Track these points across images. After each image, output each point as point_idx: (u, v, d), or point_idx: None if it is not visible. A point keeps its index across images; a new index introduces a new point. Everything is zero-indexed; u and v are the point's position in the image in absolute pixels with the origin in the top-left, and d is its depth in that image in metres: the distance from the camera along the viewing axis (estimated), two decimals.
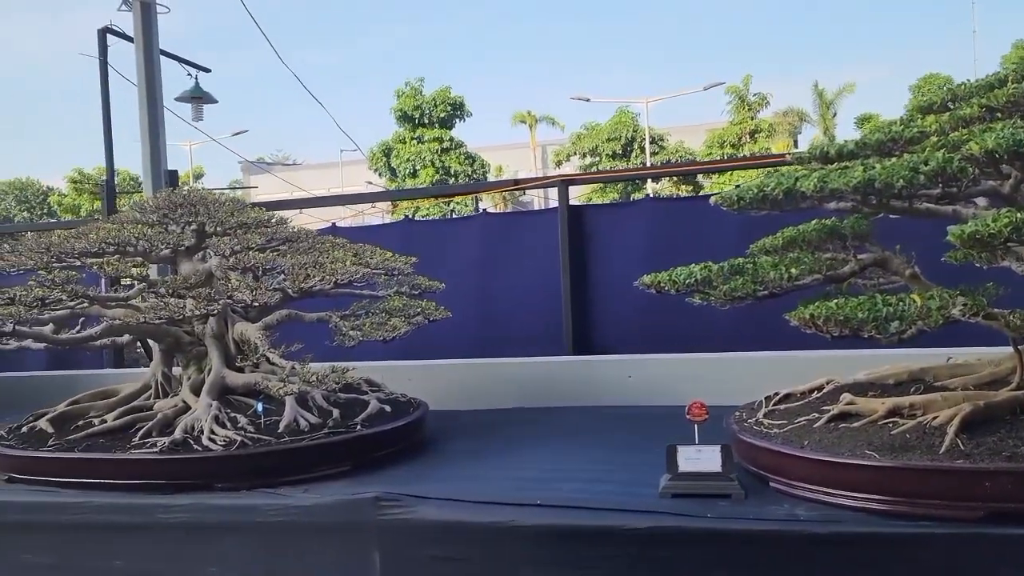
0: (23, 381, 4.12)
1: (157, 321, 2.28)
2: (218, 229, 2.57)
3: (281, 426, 2.34)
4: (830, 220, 2.06)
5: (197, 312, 2.25)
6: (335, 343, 2.39)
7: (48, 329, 2.57)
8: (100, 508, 2.26)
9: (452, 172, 35.05)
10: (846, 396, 2.10)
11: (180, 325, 2.70)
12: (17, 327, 2.30)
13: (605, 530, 1.87)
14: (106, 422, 2.55)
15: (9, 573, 2.34)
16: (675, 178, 29.44)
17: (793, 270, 1.88)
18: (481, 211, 4.21)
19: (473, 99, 35.74)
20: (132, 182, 41.52)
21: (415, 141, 35.51)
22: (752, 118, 34.20)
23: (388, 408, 2.59)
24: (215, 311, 2.27)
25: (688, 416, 2.02)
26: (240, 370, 2.65)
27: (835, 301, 1.71)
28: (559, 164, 35.80)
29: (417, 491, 2.09)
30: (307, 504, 2.10)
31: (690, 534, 1.81)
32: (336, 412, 2.47)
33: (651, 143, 33.02)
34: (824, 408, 2.10)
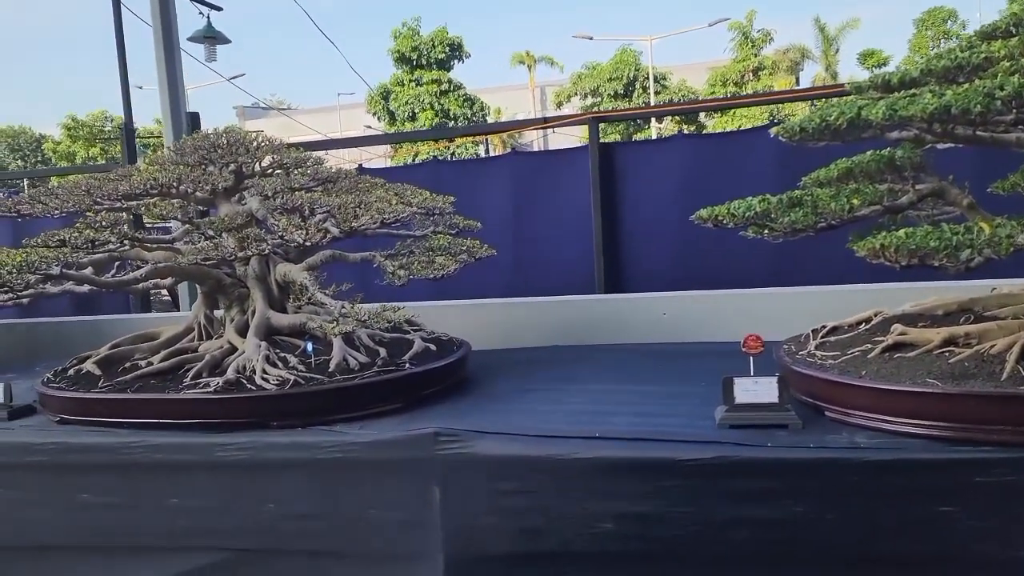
0: (46, 327, 4.13)
1: (208, 263, 2.27)
2: (257, 169, 2.54)
3: (331, 365, 2.36)
4: (886, 151, 2.04)
5: (251, 253, 2.24)
6: (385, 282, 2.39)
7: (89, 272, 2.56)
8: (155, 447, 2.29)
9: (451, 115, 34.63)
10: (897, 327, 2.11)
11: (221, 267, 2.70)
12: (64, 270, 2.29)
13: (666, 462, 1.89)
14: (152, 364, 2.57)
15: (67, 512, 2.38)
16: (679, 118, 29.12)
17: (855, 201, 1.87)
18: (511, 150, 4.15)
19: (470, 40, 35.12)
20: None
21: (413, 83, 35.00)
22: (755, 55, 33.69)
23: (432, 347, 2.61)
24: (266, 251, 2.26)
25: (744, 349, 2.03)
26: (283, 311, 2.66)
27: (904, 231, 1.70)
28: (559, 105, 35.38)
29: (472, 426, 2.11)
30: (366, 440, 2.13)
31: (752, 464, 1.84)
32: (383, 351, 2.48)
33: (654, 82, 32.57)
34: (876, 339, 2.11)
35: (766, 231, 2.05)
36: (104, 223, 2.26)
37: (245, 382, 2.31)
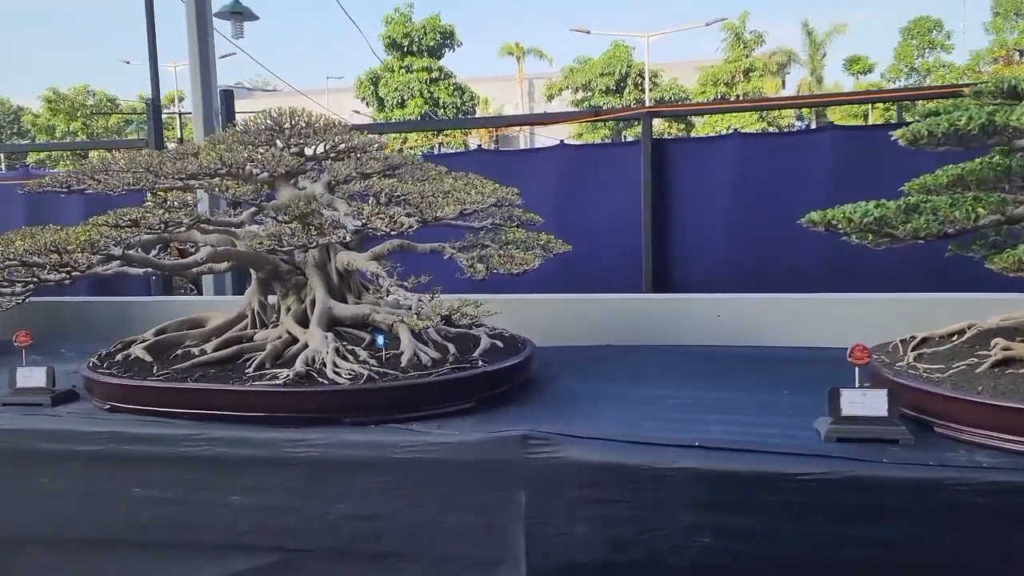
0: (69, 307, 3.98)
1: (285, 248, 2.16)
2: (319, 152, 2.43)
3: (403, 360, 2.26)
4: (999, 159, 1.97)
5: (333, 239, 2.14)
6: (466, 275, 2.30)
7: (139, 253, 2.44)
8: (218, 441, 2.18)
9: (441, 103, 34.44)
10: (999, 341, 2.05)
11: (277, 253, 2.59)
12: (126, 251, 2.17)
13: (773, 475, 1.82)
14: (205, 352, 2.45)
15: (118, 506, 2.27)
16: (669, 118, 29.14)
17: (980, 209, 1.80)
18: (559, 142, 4.06)
19: (460, 28, 34.83)
20: (109, 104, 40.44)
21: (404, 70, 34.76)
22: (747, 56, 33.79)
23: (499, 344, 2.52)
24: (346, 239, 2.15)
25: (850, 359, 1.96)
26: (343, 300, 2.55)
27: None
28: (550, 98, 35.30)
29: (556, 430, 2.03)
30: (450, 441, 2.04)
31: (866, 480, 1.77)
32: (451, 347, 2.39)
33: (645, 80, 32.57)
34: (979, 353, 2.05)
35: (870, 237, 1.98)
36: (176, 203, 2.13)
37: (315, 375, 2.20)
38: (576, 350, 3.02)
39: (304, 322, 2.51)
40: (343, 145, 2.48)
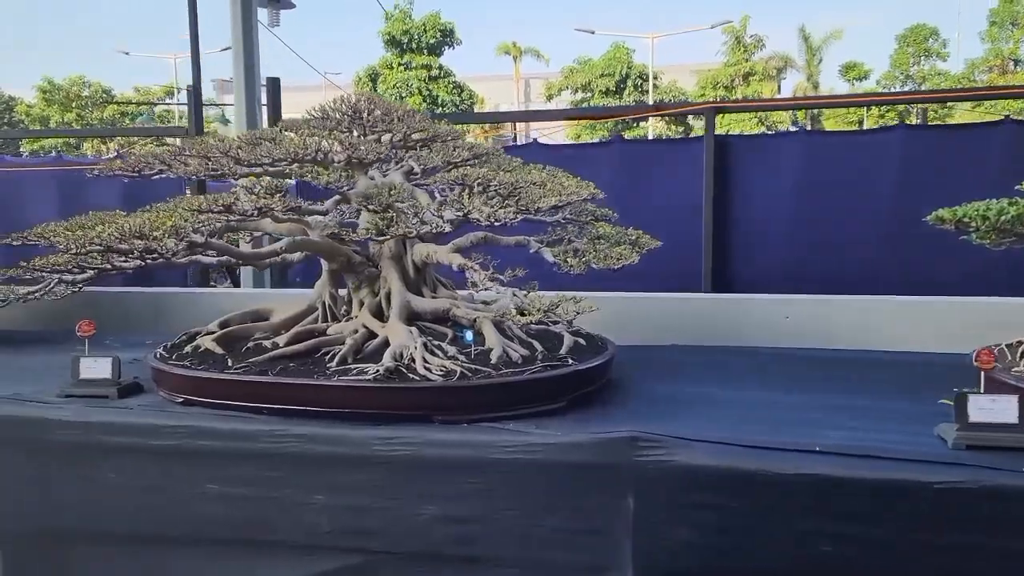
0: (106, 296, 3.87)
1: (389, 238, 2.07)
2: (397, 140, 2.34)
3: (493, 357, 2.18)
4: None
5: (435, 231, 2.05)
6: (565, 270, 2.21)
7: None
8: (302, 437, 2.09)
9: (440, 101, 34.28)
10: None
11: (349, 244, 2.50)
12: (209, 239, 2.08)
13: (902, 483, 1.74)
14: (278, 345, 2.36)
15: (193, 503, 2.17)
16: (669, 120, 29.13)
17: None
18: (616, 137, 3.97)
19: (458, 26, 34.68)
20: (104, 95, 40.05)
21: (402, 67, 34.60)
22: (746, 60, 33.83)
23: (582, 341, 2.43)
24: (445, 230, 2.06)
25: (976, 363, 1.89)
26: (419, 294, 2.47)
27: None
28: (549, 98, 35.22)
29: (655, 431, 1.94)
30: (552, 442, 1.95)
31: (1004, 490, 1.70)
32: (537, 344, 2.31)
33: (645, 81, 32.57)
34: None
35: (993, 236, 1.91)
36: (270, 189, 2.04)
37: (403, 371, 2.11)
38: (641, 349, 2.93)
39: (379, 316, 2.43)
40: (425, 134, 2.39)
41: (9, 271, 2.34)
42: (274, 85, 4.65)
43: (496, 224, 1.99)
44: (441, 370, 2.09)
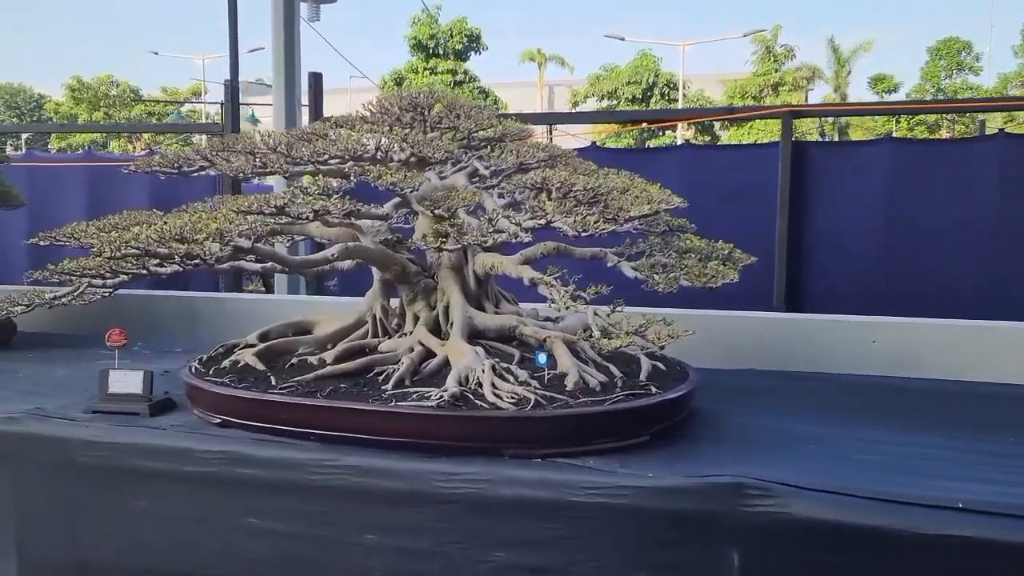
0: (133, 300, 3.66)
1: (452, 248, 1.84)
2: (475, 139, 2.11)
3: (569, 383, 1.94)
4: None
5: (518, 240, 1.81)
6: (652, 288, 1.97)
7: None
8: (354, 469, 1.85)
9: None
10: None
11: (402, 252, 2.27)
12: (255, 244, 1.86)
13: None
14: (325, 362, 2.13)
15: (231, 536, 1.94)
16: (695, 126, 28.71)
17: None
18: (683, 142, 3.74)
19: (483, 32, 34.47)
20: (132, 94, 40.24)
21: (428, 72, 34.48)
22: (776, 70, 33.39)
23: (662, 366, 2.19)
24: (521, 239, 1.83)
25: None
26: (480, 308, 2.23)
27: None
28: (575, 105, 34.89)
29: (755, 473, 1.69)
30: (642, 485, 1.70)
31: None
32: (614, 369, 2.06)
33: (672, 90, 32.23)
34: None
35: None
36: (328, 190, 1.81)
37: (470, 396, 1.88)
38: (715, 373, 2.67)
39: (436, 332, 2.19)
40: (492, 132, 2.16)
41: (36, 273, 2.12)
42: (316, 81, 4.42)
43: (583, 234, 1.75)
44: (512, 397, 1.85)
